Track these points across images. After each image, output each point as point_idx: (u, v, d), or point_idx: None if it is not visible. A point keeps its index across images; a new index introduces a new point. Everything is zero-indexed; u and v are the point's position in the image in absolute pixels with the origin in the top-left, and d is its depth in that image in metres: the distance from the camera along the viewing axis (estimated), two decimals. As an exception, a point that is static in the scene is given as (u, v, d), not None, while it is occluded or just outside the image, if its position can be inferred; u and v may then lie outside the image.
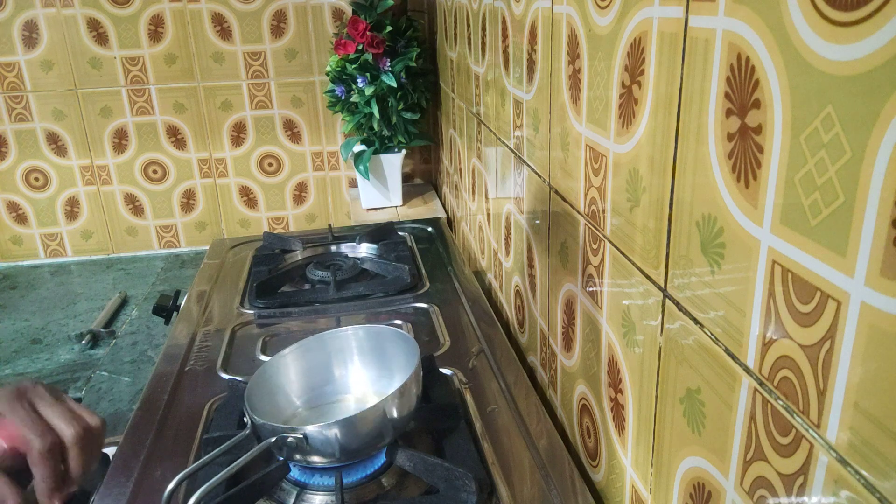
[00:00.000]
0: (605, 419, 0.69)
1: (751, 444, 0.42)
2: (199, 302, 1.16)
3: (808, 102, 0.34)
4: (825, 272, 0.34)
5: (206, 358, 0.97)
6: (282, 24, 1.76)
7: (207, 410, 0.85)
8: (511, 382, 0.87)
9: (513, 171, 0.97)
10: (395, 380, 0.80)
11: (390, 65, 1.56)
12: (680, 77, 0.47)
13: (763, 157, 0.38)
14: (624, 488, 0.65)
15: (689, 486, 0.51)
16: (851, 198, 0.32)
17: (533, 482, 0.70)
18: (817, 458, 0.36)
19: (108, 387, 1.15)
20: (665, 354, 0.53)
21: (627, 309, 0.60)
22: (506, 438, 0.77)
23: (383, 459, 0.72)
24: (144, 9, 1.70)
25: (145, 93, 1.78)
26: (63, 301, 1.58)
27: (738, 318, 0.42)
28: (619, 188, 0.59)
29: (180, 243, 1.93)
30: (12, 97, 1.73)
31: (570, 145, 0.71)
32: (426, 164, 1.96)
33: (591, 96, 0.64)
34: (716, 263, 0.44)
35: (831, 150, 0.33)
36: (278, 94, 1.83)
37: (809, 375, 0.36)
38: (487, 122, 1.10)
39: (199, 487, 0.62)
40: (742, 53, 0.39)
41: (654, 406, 0.56)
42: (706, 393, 0.47)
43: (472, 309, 1.06)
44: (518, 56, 0.88)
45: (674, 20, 0.47)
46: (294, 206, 1.96)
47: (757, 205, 0.39)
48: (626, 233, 0.59)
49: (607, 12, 0.58)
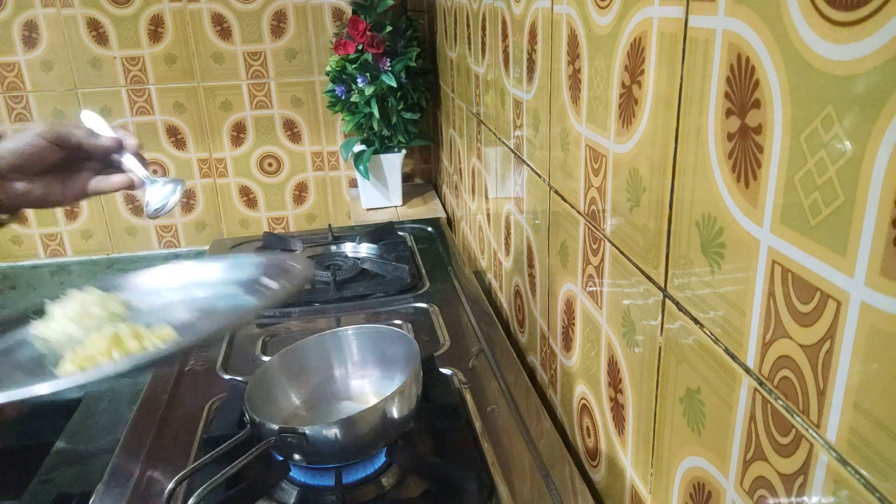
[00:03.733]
0: (605, 419, 0.69)
1: (751, 443, 0.42)
2: (199, 302, 1.16)
3: (808, 102, 0.34)
4: (825, 272, 0.34)
5: (206, 358, 0.97)
6: (282, 24, 1.76)
7: (207, 410, 0.85)
8: (511, 382, 0.87)
9: (513, 171, 0.97)
10: (395, 380, 0.80)
11: (390, 65, 1.56)
12: (680, 77, 0.47)
13: (763, 157, 0.38)
14: (624, 488, 0.65)
15: (689, 486, 0.51)
16: (851, 198, 0.32)
17: (533, 482, 0.70)
18: (817, 458, 0.36)
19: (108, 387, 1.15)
20: (665, 354, 0.54)
21: (627, 309, 0.60)
22: (506, 438, 0.77)
23: (383, 459, 0.72)
24: (144, 9, 1.70)
25: (145, 93, 1.78)
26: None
27: (738, 318, 0.42)
28: (619, 188, 0.59)
29: (180, 243, 1.93)
30: (12, 97, 1.73)
31: (570, 145, 0.71)
32: (426, 164, 1.96)
33: (591, 96, 0.64)
34: (716, 263, 0.44)
35: (831, 150, 0.33)
36: (278, 94, 1.83)
37: (809, 375, 0.36)
38: (487, 122, 1.10)
39: (199, 487, 0.62)
40: (742, 53, 0.39)
41: (654, 406, 0.56)
42: (706, 393, 0.47)
43: (472, 309, 1.06)
44: (518, 56, 0.88)
45: (674, 20, 0.47)
46: (294, 206, 1.96)
47: (757, 205, 0.39)
48: (626, 233, 0.59)
49: (607, 12, 0.58)
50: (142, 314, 0.63)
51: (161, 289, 0.68)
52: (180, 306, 0.65)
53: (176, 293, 0.68)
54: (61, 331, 0.59)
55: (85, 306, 0.61)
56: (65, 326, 0.59)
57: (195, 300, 0.66)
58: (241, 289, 0.65)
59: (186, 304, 0.66)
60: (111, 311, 0.62)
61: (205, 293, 0.67)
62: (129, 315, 0.63)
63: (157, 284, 0.69)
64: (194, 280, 0.69)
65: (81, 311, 0.60)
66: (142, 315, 0.63)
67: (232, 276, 0.68)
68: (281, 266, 0.66)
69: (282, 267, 0.66)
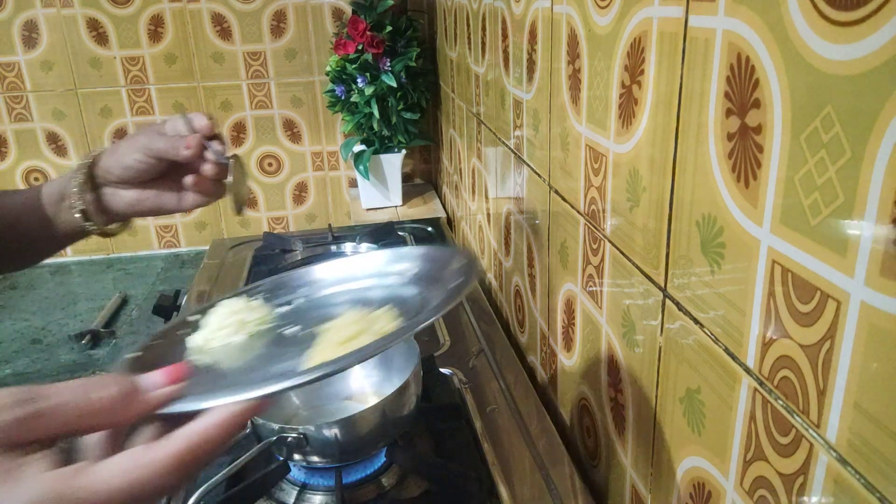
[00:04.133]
0: (605, 419, 0.69)
1: (751, 443, 0.42)
2: (199, 302, 1.16)
3: (808, 102, 0.34)
4: (825, 272, 0.34)
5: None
6: (282, 24, 1.76)
7: (207, 410, 0.84)
8: (511, 382, 0.87)
9: (513, 171, 0.97)
10: (395, 380, 0.80)
11: (390, 65, 1.56)
12: (680, 77, 0.47)
13: (763, 157, 0.38)
14: (624, 488, 0.65)
15: (689, 486, 0.51)
16: (851, 198, 0.32)
17: (533, 482, 0.70)
18: (817, 458, 0.36)
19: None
20: (665, 354, 0.53)
21: (627, 309, 0.60)
22: (506, 438, 0.77)
23: (383, 459, 0.72)
24: (144, 9, 1.70)
25: (145, 93, 1.78)
26: (63, 301, 1.58)
27: (738, 317, 0.42)
28: (619, 188, 0.59)
29: (180, 243, 1.93)
30: (12, 97, 1.73)
31: (570, 145, 0.71)
32: (426, 164, 1.96)
33: (590, 96, 0.64)
34: (716, 263, 0.44)
35: (831, 150, 0.33)
36: (278, 94, 1.83)
37: (809, 375, 0.36)
38: (487, 122, 1.10)
39: (199, 487, 0.62)
40: (742, 53, 0.39)
41: (654, 406, 0.56)
42: (706, 393, 0.47)
43: (472, 309, 1.06)
44: (518, 56, 0.88)
45: (674, 20, 0.47)
46: (294, 206, 1.96)
47: (757, 205, 0.39)
48: (626, 233, 0.59)
49: (607, 12, 0.58)
50: (305, 312, 0.60)
51: (316, 284, 0.64)
52: (353, 296, 0.61)
53: (334, 288, 0.63)
54: (223, 341, 0.57)
55: (237, 314, 0.59)
56: (223, 336, 0.58)
57: (367, 289, 0.62)
58: (408, 281, 0.60)
59: (358, 294, 0.62)
60: (260, 316, 0.60)
61: (366, 284, 0.62)
62: (285, 316, 0.60)
63: (311, 280, 0.64)
64: (350, 274, 0.64)
65: (235, 319, 0.59)
66: (305, 314, 0.60)
67: (389, 269, 0.62)
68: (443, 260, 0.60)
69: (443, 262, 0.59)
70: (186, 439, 0.35)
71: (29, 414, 0.33)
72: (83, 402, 0.34)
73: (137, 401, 0.37)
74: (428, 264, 0.59)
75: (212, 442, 0.36)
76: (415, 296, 0.56)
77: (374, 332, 0.47)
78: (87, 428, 0.36)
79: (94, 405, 0.35)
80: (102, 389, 0.35)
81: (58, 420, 0.34)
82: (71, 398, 0.34)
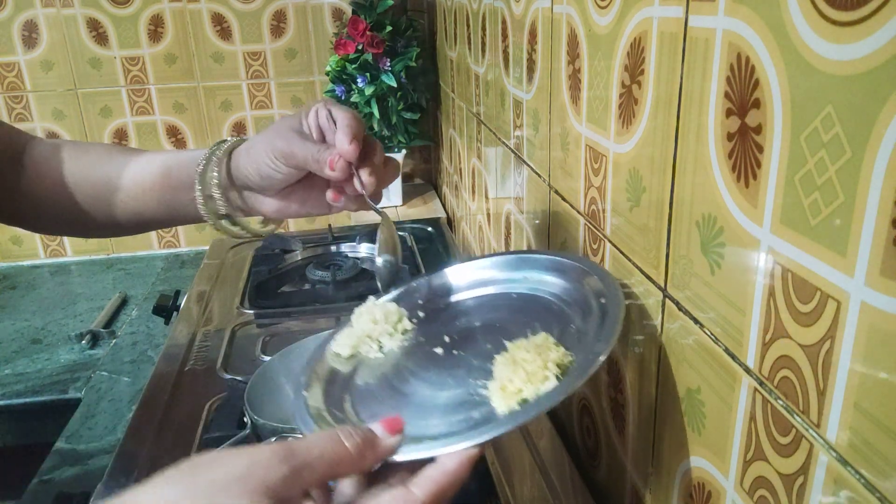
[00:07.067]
0: (605, 419, 0.69)
1: (751, 443, 0.42)
2: (199, 302, 1.16)
3: (808, 102, 0.34)
4: (825, 272, 0.34)
5: (206, 358, 0.97)
6: (282, 24, 1.76)
7: (207, 410, 0.85)
8: (511, 382, 0.87)
9: (513, 171, 0.97)
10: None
11: (390, 65, 1.56)
12: (680, 77, 0.47)
13: (763, 157, 0.38)
14: (624, 488, 0.65)
15: (689, 486, 0.51)
16: (851, 198, 0.32)
17: (533, 482, 0.70)
18: (817, 458, 0.36)
19: (108, 387, 1.15)
20: (665, 354, 0.53)
21: (627, 308, 0.60)
22: (506, 438, 0.77)
23: (383, 459, 0.72)
24: (144, 9, 1.70)
25: (145, 93, 1.78)
26: (63, 301, 1.58)
27: (738, 317, 0.42)
28: (619, 188, 0.59)
29: (180, 243, 1.93)
30: (12, 97, 1.73)
31: (570, 145, 0.71)
32: (426, 164, 1.96)
33: (590, 96, 0.64)
34: (716, 263, 0.44)
35: (831, 150, 0.33)
36: (278, 94, 1.83)
37: (809, 375, 0.36)
38: (487, 121, 1.10)
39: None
40: (742, 53, 0.39)
41: (654, 406, 0.56)
42: (706, 393, 0.47)
43: (472, 309, 1.06)
44: (518, 56, 0.88)
45: (674, 20, 0.47)
46: (294, 206, 1.96)
47: (757, 205, 0.39)
48: (626, 233, 0.59)
49: (607, 12, 0.58)
50: (434, 320, 0.61)
51: (445, 290, 0.66)
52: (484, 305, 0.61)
53: (466, 294, 0.65)
54: (368, 346, 0.58)
55: (374, 318, 0.59)
56: (368, 341, 0.58)
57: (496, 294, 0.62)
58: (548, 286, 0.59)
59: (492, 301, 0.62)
60: (394, 321, 0.60)
61: (499, 290, 0.63)
62: (414, 321, 0.61)
63: (439, 286, 0.67)
64: (479, 278, 0.65)
65: (375, 324, 0.59)
66: (435, 322, 0.61)
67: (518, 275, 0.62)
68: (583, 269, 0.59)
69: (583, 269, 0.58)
70: (436, 482, 0.40)
71: (293, 469, 0.37)
72: (334, 453, 0.39)
73: (377, 449, 0.41)
74: (559, 276, 0.60)
75: (458, 482, 0.41)
76: (561, 312, 0.56)
77: (547, 369, 0.47)
78: (339, 475, 0.40)
79: (342, 455, 0.39)
80: (348, 440, 0.40)
81: (317, 472, 0.38)
82: (324, 450, 0.38)
